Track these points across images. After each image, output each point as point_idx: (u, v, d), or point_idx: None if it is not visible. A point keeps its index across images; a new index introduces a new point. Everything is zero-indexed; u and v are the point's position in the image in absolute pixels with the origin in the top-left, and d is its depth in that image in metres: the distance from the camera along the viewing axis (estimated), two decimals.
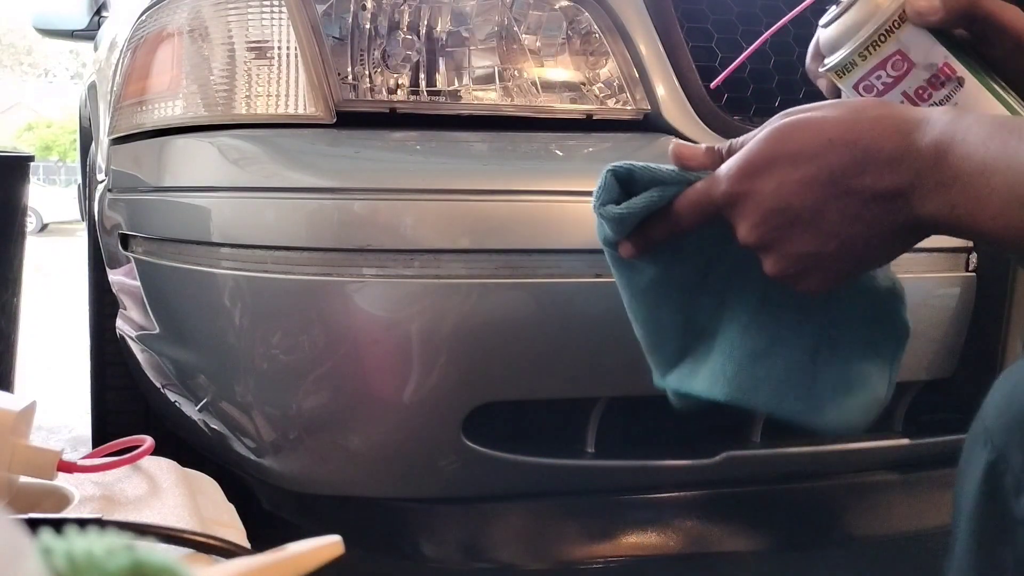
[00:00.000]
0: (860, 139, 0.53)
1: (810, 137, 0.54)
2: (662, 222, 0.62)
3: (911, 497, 1.07)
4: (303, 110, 0.93)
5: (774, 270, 0.58)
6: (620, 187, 0.62)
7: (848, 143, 0.53)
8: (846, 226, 0.54)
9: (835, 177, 0.53)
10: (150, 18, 1.07)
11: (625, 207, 0.61)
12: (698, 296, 0.68)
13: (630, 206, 0.61)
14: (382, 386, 0.86)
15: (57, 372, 2.99)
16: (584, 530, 0.96)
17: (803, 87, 0.99)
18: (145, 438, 0.70)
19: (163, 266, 0.98)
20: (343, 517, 1.00)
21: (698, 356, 0.69)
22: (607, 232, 0.65)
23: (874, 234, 0.54)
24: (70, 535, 0.30)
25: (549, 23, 0.97)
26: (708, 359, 0.68)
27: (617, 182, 0.62)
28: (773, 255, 0.57)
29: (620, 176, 0.62)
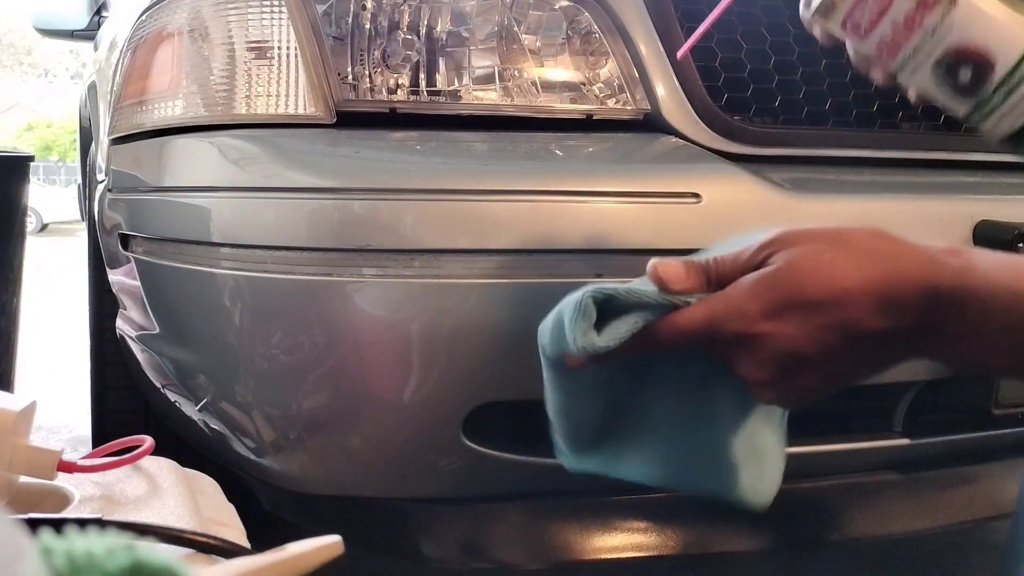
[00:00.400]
0: (877, 286, 0.52)
1: (826, 284, 0.53)
2: (647, 342, 0.59)
3: (911, 497, 1.07)
4: (303, 110, 0.93)
5: (763, 397, 0.58)
6: (597, 310, 0.58)
7: (867, 292, 0.52)
8: (858, 365, 0.55)
9: (854, 324, 0.52)
10: (150, 18, 1.07)
11: (610, 339, 0.57)
12: (625, 383, 0.66)
13: (616, 336, 0.57)
14: (382, 386, 0.86)
15: (57, 372, 2.99)
16: (584, 530, 0.96)
17: (803, 87, 0.99)
18: (145, 438, 0.70)
19: (163, 266, 0.98)
20: (343, 517, 1.00)
21: (618, 440, 0.68)
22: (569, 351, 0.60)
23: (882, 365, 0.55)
24: (70, 535, 0.30)
25: (549, 23, 0.97)
26: (629, 444, 0.67)
27: (595, 306, 0.58)
28: (772, 389, 0.57)
29: (599, 301, 0.58)
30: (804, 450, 0.98)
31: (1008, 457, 1.09)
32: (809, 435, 1.00)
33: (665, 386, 0.66)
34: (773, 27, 0.99)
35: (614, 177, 0.87)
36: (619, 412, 0.67)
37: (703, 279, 0.58)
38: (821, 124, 1.00)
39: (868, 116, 1.01)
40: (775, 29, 0.99)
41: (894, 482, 1.05)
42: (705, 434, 0.65)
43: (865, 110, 1.01)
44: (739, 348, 0.55)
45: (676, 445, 0.65)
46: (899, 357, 0.55)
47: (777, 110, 0.99)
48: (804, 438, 0.99)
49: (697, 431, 0.65)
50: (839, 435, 1.01)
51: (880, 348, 0.54)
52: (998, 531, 0.85)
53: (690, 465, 0.65)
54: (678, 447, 0.65)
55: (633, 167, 0.92)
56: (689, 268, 0.58)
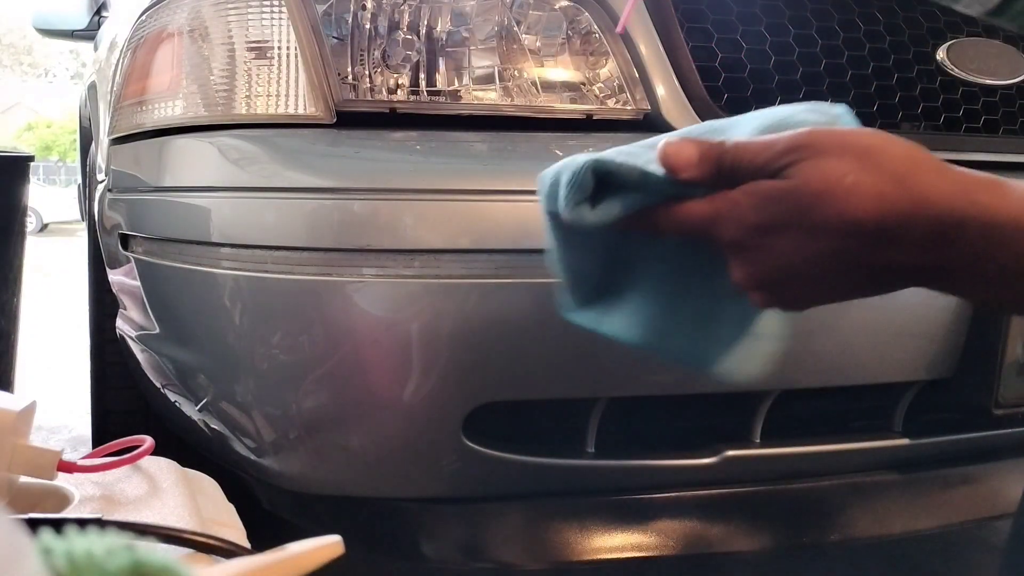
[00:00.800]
0: (888, 222, 0.48)
1: (836, 213, 0.49)
2: (645, 222, 0.56)
3: (911, 497, 1.07)
4: (303, 110, 0.93)
5: (756, 302, 0.55)
6: (598, 181, 0.55)
7: (877, 228, 0.48)
8: (849, 288, 0.52)
9: (853, 255, 0.50)
10: (150, 18, 1.07)
11: (602, 214, 0.55)
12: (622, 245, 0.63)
13: (608, 214, 0.55)
14: (382, 386, 0.86)
15: (57, 372, 2.99)
16: (584, 530, 0.96)
17: (803, 87, 0.99)
18: (145, 438, 0.70)
19: (163, 266, 0.98)
20: (343, 517, 1.00)
21: (615, 297, 0.65)
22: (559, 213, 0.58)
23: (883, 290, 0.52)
24: (70, 535, 0.30)
25: (549, 23, 0.97)
26: (624, 301, 0.64)
27: (594, 176, 0.55)
28: (762, 294, 0.55)
29: (599, 173, 0.55)
30: (804, 450, 0.98)
31: (1008, 457, 1.09)
32: (809, 435, 1.00)
33: (664, 253, 0.62)
34: (773, 27, 0.99)
35: None
36: (614, 269, 0.64)
37: (713, 170, 0.53)
38: None
39: (868, 116, 1.01)
40: (775, 29, 0.99)
41: (894, 482, 1.05)
42: (698, 304, 0.61)
43: (865, 110, 1.01)
44: (734, 253, 0.53)
45: (668, 309, 0.62)
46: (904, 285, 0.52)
47: None
48: (804, 438, 0.99)
49: (691, 300, 0.61)
50: (839, 435, 1.01)
51: (884, 277, 0.51)
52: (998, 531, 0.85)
53: (677, 331, 0.62)
54: (669, 312, 0.62)
55: None
56: (703, 155, 0.53)
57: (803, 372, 0.93)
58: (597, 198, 0.56)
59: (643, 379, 0.89)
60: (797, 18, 1.01)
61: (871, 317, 0.92)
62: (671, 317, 0.61)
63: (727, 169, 0.52)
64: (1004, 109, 1.07)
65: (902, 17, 1.04)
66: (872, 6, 1.03)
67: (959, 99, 1.05)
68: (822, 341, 0.91)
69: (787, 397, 0.96)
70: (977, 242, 0.47)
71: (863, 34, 1.02)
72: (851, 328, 0.91)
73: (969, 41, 1.05)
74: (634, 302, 0.63)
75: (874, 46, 1.02)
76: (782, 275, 0.52)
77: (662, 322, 0.62)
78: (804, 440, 0.98)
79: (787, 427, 0.99)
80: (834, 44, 1.01)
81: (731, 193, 0.52)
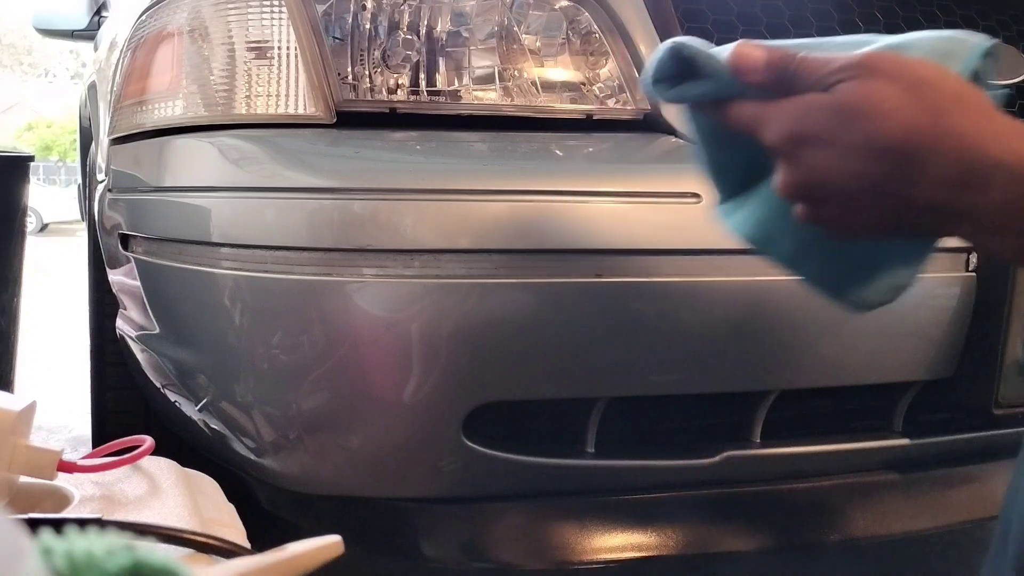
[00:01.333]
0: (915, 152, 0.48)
1: (866, 134, 0.49)
2: (714, 113, 0.58)
3: (911, 497, 1.07)
4: (303, 110, 0.93)
5: (800, 218, 0.55)
6: (681, 64, 0.58)
7: (903, 156, 0.48)
8: (881, 220, 0.52)
9: (882, 182, 0.50)
10: (150, 18, 1.07)
11: (676, 93, 0.59)
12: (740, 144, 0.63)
13: (681, 94, 0.59)
14: (382, 386, 0.86)
15: (57, 372, 2.99)
16: (584, 530, 0.96)
17: None
18: (145, 438, 0.70)
19: (163, 266, 0.98)
20: (343, 517, 1.00)
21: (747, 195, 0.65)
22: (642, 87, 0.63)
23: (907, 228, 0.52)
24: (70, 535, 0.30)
25: (549, 23, 0.97)
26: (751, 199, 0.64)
27: (678, 59, 0.58)
28: (803, 210, 0.55)
29: (682, 55, 0.58)
30: (804, 450, 0.98)
31: (1008, 457, 1.09)
32: (809, 435, 1.00)
33: None
34: (773, 27, 0.99)
35: (614, 177, 0.87)
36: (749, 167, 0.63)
37: (775, 77, 0.54)
38: None
39: None
40: (775, 29, 0.99)
41: (894, 482, 1.05)
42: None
43: None
44: (777, 158, 0.54)
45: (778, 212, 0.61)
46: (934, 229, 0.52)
47: None
48: (804, 438, 0.99)
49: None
50: (839, 435, 1.01)
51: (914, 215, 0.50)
52: None
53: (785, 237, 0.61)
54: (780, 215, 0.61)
55: (633, 167, 0.92)
56: (769, 62, 0.54)
57: (803, 372, 0.93)
58: (677, 80, 0.59)
59: (643, 379, 0.89)
60: (797, 18, 1.01)
61: (871, 317, 0.91)
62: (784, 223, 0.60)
63: (788, 79, 0.54)
64: (1004, 109, 1.07)
65: (902, 17, 1.04)
66: (872, 6, 1.03)
67: None
68: (822, 341, 0.91)
69: (787, 397, 0.96)
70: (1008, 188, 0.47)
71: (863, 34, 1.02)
72: (851, 328, 0.91)
73: None
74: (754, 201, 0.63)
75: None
76: (817, 192, 0.52)
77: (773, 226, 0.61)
78: (804, 440, 0.98)
79: (787, 427, 0.99)
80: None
81: (782, 100, 0.53)
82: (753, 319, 0.88)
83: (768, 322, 0.89)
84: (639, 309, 0.85)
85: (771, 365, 0.91)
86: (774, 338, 0.89)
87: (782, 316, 0.88)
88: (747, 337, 0.89)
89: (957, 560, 1.45)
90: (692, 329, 0.87)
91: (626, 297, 0.85)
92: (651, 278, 0.85)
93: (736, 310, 0.88)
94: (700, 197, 0.86)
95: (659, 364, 0.88)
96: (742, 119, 0.56)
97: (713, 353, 0.89)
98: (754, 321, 0.88)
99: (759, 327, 0.88)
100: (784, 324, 0.89)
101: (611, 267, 0.84)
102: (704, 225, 0.86)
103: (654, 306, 0.86)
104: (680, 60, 0.58)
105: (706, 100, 0.58)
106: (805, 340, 0.90)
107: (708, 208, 0.70)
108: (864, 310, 0.62)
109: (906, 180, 0.49)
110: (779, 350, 0.90)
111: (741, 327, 0.88)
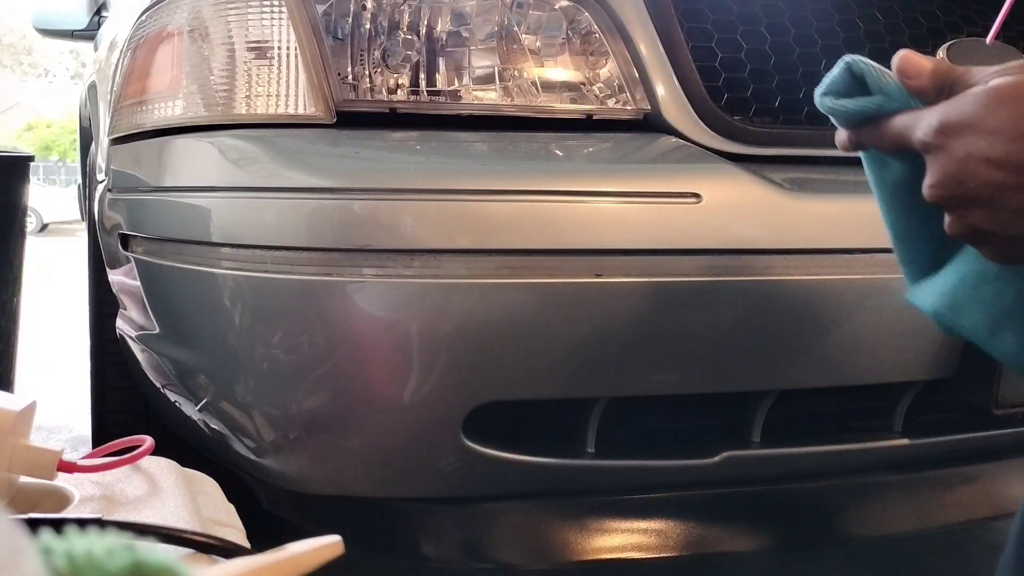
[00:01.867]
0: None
1: (1015, 116, 0.50)
2: (875, 132, 0.59)
3: (911, 497, 1.07)
4: (303, 110, 0.93)
5: (949, 231, 0.55)
6: (851, 81, 0.60)
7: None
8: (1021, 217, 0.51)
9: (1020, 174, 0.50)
10: (150, 18, 1.07)
11: (840, 104, 0.60)
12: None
13: (845, 106, 0.60)
14: (382, 386, 0.86)
15: (57, 372, 2.99)
16: (584, 530, 0.96)
17: (803, 87, 0.99)
18: (145, 438, 0.70)
19: (163, 266, 0.98)
20: (343, 517, 1.00)
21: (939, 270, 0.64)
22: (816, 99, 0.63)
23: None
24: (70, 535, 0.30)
25: (549, 23, 0.97)
26: (940, 273, 0.63)
27: (849, 75, 0.60)
28: (951, 220, 0.55)
29: (853, 71, 0.59)
30: (804, 450, 0.98)
31: (1008, 457, 1.09)
32: (809, 435, 1.00)
33: None
34: (773, 27, 0.99)
35: (614, 177, 0.87)
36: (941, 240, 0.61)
37: (940, 84, 0.55)
38: (821, 124, 1.00)
39: None
40: (775, 29, 0.99)
41: (894, 482, 1.05)
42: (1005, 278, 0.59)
43: None
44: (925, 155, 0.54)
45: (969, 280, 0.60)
46: None
47: (777, 110, 0.99)
48: (804, 438, 0.99)
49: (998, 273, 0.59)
50: (839, 435, 1.01)
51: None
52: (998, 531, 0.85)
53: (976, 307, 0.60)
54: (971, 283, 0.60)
55: (633, 167, 0.92)
56: (935, 70, 0.56)
57: (803, 372, 0.93)
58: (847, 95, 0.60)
59: (643, 379, 0.89)
60: (797, 18, 1.01)
61: (871, 317, 0.92)
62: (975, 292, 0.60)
63: (948, 87, 0.55)
64: None
65: (902, 17, 1.04)
66: (872, 6, 1.03)
67: None
68: (822, 341, 0.91)
69: (787, 397, 0.96)
70: None
71: (863, 34, 1.02)
72: (851, 328, 0.91)
73: (969, 41, 1.05)
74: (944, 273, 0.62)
75: (874, 46, 1.02)
76: (964, 188, 0.52)
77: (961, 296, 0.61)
78: (804, 440, 0.98)
79: (787, 427, 0.99)
80: (834, 44, 1.01)
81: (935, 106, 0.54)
82: (753, 319, 0.88)
83: (768, 322, 0.89)
84: (639, 309, 0.85)
85: (771, 365, 0.91)
86: (774, 338, 0.89)
87: (782, 316, 0.88)
88: (747, 337, 0.89)
89: (957, 560, 1.45)
90: (692, 329, 0.87)
91: (626, 297, 0.85)
92: (651, 278, 0.85)
93: (736, 310, 0.88)
94: (700, 197, 0.86)
95: (659, 364, 0.88)
96: (897, 127, 0.57)
97: (713, 353, 0.89)
98: (754, 321, 0.88)
99: (759, 327, 0.88)
100: (784, 324, 0.89)
101: (611, 267, 0.84)
102: (704, 225, 0.86)
103: (654, 306, 0.86)
104: (851, 76, 0.59)
105: (870, 113, 0.59)
106: (805, 340, 0.90)
107: (708, 208, 0.70)
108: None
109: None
110: (779, 350, 0.90)
111: (741, 327, 0.88)
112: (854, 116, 0.60)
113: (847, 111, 0.60)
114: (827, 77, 0.61)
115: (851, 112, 0.60)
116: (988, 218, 0.53)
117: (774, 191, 0.89)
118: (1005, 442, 1.05)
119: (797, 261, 0.88)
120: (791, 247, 0.88)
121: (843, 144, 0.62)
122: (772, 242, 0.87)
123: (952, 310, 0.61)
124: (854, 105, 0.59)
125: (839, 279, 0.89)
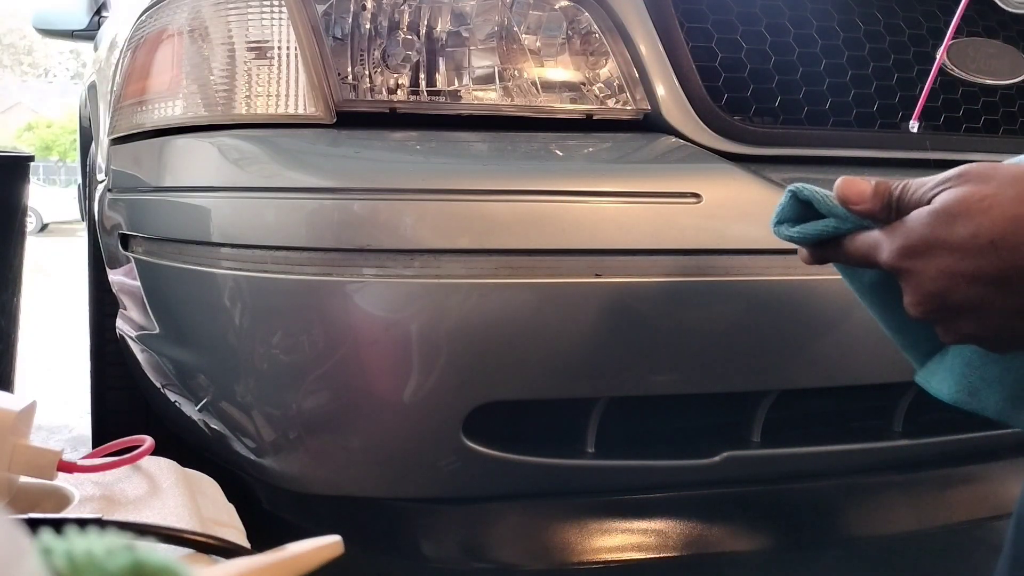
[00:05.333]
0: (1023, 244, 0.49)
1: (971, 232, 0.50)
2: (838, 252, 0.61)
3: (911, 497, 1.07)
4: (303, 110, 0.93)
5: (943, 340, 0.57)
6: (800, 207, 0.63)
7: (1017, 246, 0.49)
8: (1009, 319, 0.52)
9: (999, 278, 0.50)
10: (150, 18, 1.07)
11: (797, 232, 0.63)
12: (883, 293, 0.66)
13: (802, 233, 0.62)
14: (382, 386, 0.86)
15: (57, 372, 2.99)
16: (584, 530, 0.96)
17: (803, 87, 0.99)
18: (145, 438, 0.70)
19: (163, 266, 0.98)
20: (343, 517, 1.00)
21: (941, 356, 0.66)
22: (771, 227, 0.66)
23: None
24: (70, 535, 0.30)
25: (549, 23, 0.97)
26: (945, 358, 0.65)
27: (797, 202, 0.63)
28: (939, 329, 0.56)
29: (800, 198, 0.62)
30: (804, 450, 0.98)
31: (1008, 457, 1.09)
32: (809, 435, 1.00)
33: None
34: (773, 27, 0.99)
35: (614, 177, 0.87)
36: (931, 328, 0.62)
37: (883, 204, 0.58)
38: (821, 124, 1.00)
39: (868, 116, 1.01)
40: (775, 29, 0.99)
41: (894, 482, 1.05)
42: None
43: (865, 110, 1.01)
44: (898, 279, 0.56)
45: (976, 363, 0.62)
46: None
47: (777, 110, 0.99)
48: (804, 438, 0.99)
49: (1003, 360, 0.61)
50: (839, 435, 1.01)
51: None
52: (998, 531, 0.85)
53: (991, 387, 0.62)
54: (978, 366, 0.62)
55: (633, 167, 0.92)
56: (876, 191, 0.58)
57: (803, 372, 0.93)
58: (798, 222, 0.64)
59: (643, 379, 0.89)
60: (797, 18, 1.01)
61: (871, 317, 0.91)
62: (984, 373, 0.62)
63: (895, 203, 0.57)
64: (1004, 109, 1.07)
65: (902, 17, 1.04)
66: (872, 6, 1.03)
67: (959, 99, 1.05)
68: (822, 341, 0.91)
69: (787, 397, 0.96)
70: None
71: (863, 34, 1.02)
72: (851, 328, 0.91)
73: (969, 41, 1.05)
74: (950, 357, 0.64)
75: (874, 46, 1.02)
76: (946, 303, 0.53)
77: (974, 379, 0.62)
78: (804, 440, 0.98)
79: (787, 427, 0.99)
80: (834, 44, 1.01)
81: (891, 224, 0.56)
82: (753, 319, 0.88)
83: (768, 322, 0.89)
84: (639, 309, 0.85)
85: (771, 365, 0.91)
86: (774, 338, 0.89)
87: (782, 316, 0.88)
88: (747, 337, 0.89)
89: (957, 560, 1.45)
90: (692, 329, 0.87)
91: (626, 297, 0.85)
92: (651, 278, 0.85)
93: (736, 310, 0.88)
94: (700, 197, 0.86)
95: (659, 364, 0.88)
96: (860, 250, 0.59)
97: (713, 353, 0.89)
98: (754, 321, 0.88)
99: (759, 327, 0.88)
100: (784, 324, 0.89)
101: (611, 267, 0.84)
102: (704, 225, 0.86)
103: (654, 306, 0.86)
104: (799, 202, 0.62)
105: (826, 237, 0.61)
106: (805, 340, 0.90)
107: (708, 208, 0.70)
108: None
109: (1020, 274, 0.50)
110: (779, 350, 0.90)
111: (741, 327, 0.88)
112: (812, 242, 0.62)
113: (805, 238, 0.62)
114: (777, 207, 0.64)
115: (809, 239, 0.62)
116: (978, 326, 0.54)
117: (774, 191, 0.89)
118: (1005, 442, 1.05)
119: (797, 261, 0.88)
120: (791, 247, 0.88)
121: (807, 260, 0.65)
122: (772, 242, 0.87)
123: (970, 395, 0.63)
124: (812, 231, 0.62)
125: (839, 279, 0.90)
